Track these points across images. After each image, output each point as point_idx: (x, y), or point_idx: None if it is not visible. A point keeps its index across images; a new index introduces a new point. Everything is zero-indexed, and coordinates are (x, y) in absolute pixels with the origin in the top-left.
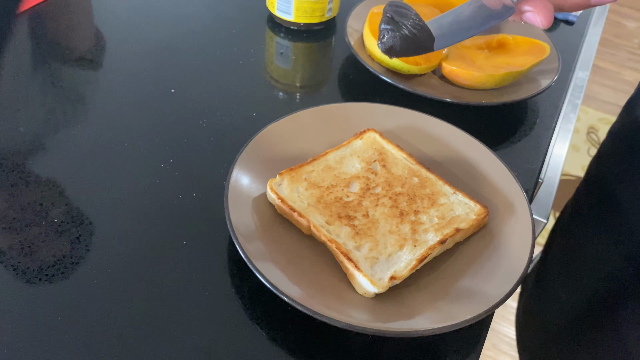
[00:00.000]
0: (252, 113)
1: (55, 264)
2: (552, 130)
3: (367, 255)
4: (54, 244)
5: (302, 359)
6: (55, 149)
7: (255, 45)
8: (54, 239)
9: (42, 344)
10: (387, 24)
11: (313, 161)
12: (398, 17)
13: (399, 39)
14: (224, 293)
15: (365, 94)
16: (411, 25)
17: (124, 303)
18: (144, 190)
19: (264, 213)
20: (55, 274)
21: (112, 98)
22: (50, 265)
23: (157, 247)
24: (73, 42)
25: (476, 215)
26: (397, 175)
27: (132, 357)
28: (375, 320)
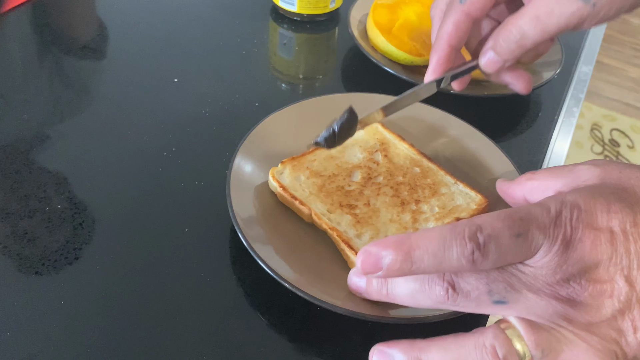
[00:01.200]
0: (255, 103)
1: (58, 250)
2: (555, 123)
3: (367, 243)
4: (56, 230)
5: (303, 345)
6: (58, 137)
7: (259, 36)
8: (56, 225)
9: (44, 329)
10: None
11: (315, 150)
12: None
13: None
14: (226, 280)
15: (368, 85)
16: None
17: (126, 289)
18: (146, 178)
19: (265, 201)
20: (58, 259)
21: (114, 87)
22: (54, 251)
23: (160, 234)
24: (76, 31)
25: (477, 205)
26: (399, 165)
27: (134, 343)
28: (376, 307)
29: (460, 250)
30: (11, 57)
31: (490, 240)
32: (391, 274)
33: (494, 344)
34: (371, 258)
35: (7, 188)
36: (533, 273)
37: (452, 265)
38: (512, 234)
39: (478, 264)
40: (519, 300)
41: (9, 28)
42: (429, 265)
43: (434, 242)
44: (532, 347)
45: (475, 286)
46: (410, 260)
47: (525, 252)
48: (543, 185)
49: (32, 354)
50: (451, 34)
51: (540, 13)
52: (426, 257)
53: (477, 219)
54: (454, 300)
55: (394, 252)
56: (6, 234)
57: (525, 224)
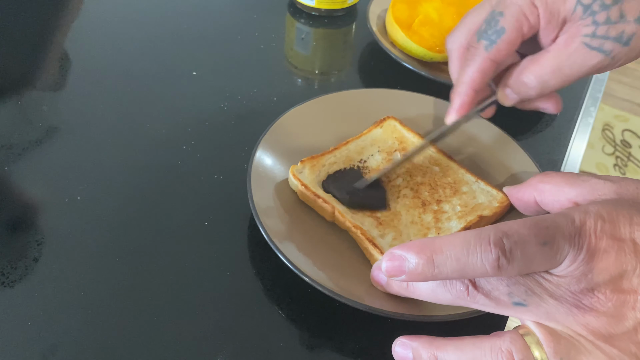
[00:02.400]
0: (273, 98)
1: (79, 241)
2: (575, 122)
3: (390, 243)
4: (77, 222)
5: (322, 340)
6: (78, 128)
7: (276, 31)
8: (76, 216)
9: (66, 320)
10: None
11: (335, 150)
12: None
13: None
14: (245, 274)
15: (386, 81)
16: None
17: (146, 282)
18: (166, 171)
19: (285, 197)
20: (78, 251)
21: (134, 79)
22: (74, 243)
23: (179, 226)
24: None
25: (499, 203)
26: (418, 164)
27: (153, 335)
28: (397, 304)
29: (484, 255)
30: (28, 43)
31: (517, 247)
32: (414, 278)
33: (510, 348)
34: (395, 261)
35: (38, 183)
36: (556, 281)
37: (476, 271)
38: (538, 242)
39: (502, 270)
40: (539, 304)
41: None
42: (452, 270)
43: (457, 247)
44: (551, 354)
45: (496, 286)
46: (433, 264)
47: (550, 260)
48: (556, 189)
49: (54, 344)
50: (475, 80)
51: (563, 65)
52: (449, 262)
53: (502, 226)
54: (473, 297)
55: (417, 256)
56: (26, 225)
57: (552, 233)
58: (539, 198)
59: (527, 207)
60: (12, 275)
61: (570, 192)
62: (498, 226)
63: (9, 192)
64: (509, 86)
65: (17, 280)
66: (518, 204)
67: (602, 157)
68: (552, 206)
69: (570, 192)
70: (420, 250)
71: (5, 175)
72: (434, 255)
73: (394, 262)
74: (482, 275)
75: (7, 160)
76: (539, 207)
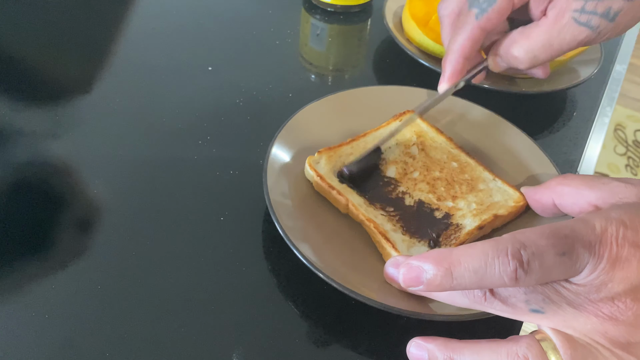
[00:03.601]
0: (289, 94)
1: (95, 235)
2: (592, 122)
3: (404, 238)
4: (92, 215)
5: (338, 337)
6: (94, 122)
7: (292, 26)
8: (92, 211)
9: (81, 313)
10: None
11: (352, 142)
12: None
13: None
14: (260, 270)
15: (401, 78)
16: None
17: (161, 276)
18: (182, 166)
19: (301, 191)
20: (94, 244)
21: (149, 74)
22: (90, 236)
23: (195, 221)
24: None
25: (515, 203)
26: (436, 159)
27: (169, 329)
28: (412, 302)
29: (502, 267)
30: (44, 38)
31: (535, 258)
32: (432, 288)
33: (527, 354)
34: (413, 272)
35: (43, 173)
36: (575, 289)
37: (494, 282)
38: (556, 252)
39: (520, 281)
40: (557, 312)
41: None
42: (470, 282)
43: (475, 258)
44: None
45: (514, 293)
46: (451, 276)
47: (569, 270)
48: (575, 192)
49: (69, 337)
50: (466, 47)
51: (553, 41)
52: (467, 274)
53: (519, 236)
54: (490, 303)
55: (435, 267)
56: (46, 217)
57: (570, 242)
58: (557, 201)
59: (545, 209)
60: (29, 268)
61: (590, 196)
62: (516, 236)
63: (24, 185)
64: (499, 55)
65: (34, 273)
66: (535, 205)
67: (614, 157)
68: (571, 209)
69: (590, 195)
70: (437, 262)
71: (22, 167)
72: (452, 267)
73: (411, 273)
74: (500, 286)
75: (24, 152)
76: (556, 209)
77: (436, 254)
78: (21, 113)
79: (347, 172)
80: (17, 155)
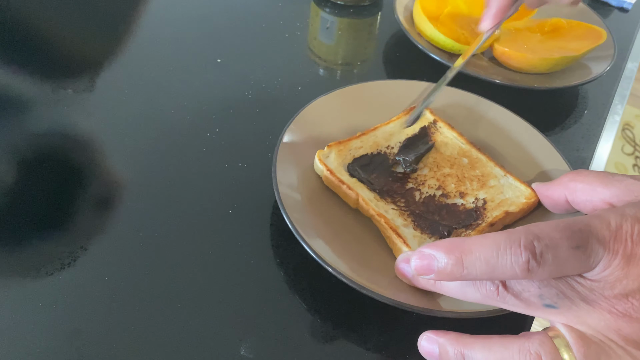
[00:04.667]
0: (298, 87)
1: (102, 227)
2: (604, 119)
3: (415, 233)
4: (100, 208)
5: (346, 332)
6: (103, 113)
7: (301, 19)
8: (99, 203)
9: (89, 304)
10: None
11: (362, 135)
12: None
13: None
14: (268, 263)
15: (411, 73)
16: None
17: (169, 268)
18: (190, 158)
19: (310, 185)
20: (101, 236)
21: (158, 65)
22: (98, 228)
23: (203, 214)
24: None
25: (526, 199)
26: (446, 155)
27: (176, 322)
28: (423, 298)
29: (514, 258)
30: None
31: (548, 250)
32: (442, 277)
33: (539, 351)
34: (424, 260)
35: (59, 165)
36: (590, 285)
37: (505, 273)
38: (570, 245)
39: (532, 273)
40: (570, 308)
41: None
42: (481, 272)
43: (487, 248)
44: (580, 359)
45: (527, 287)
46: (461, 265)
47: (583, 264)
48: (589, 189)
49: (77, 328)
50: None
51: None
52: (478, 264)
53: (533, 228)
54: (503, 297)
55: (447, 256)
56: (53, 209)
57: (585, 236)
58: (570, 197)
59: (557, 206)
60: (37, 260)
61: (604, 193)
62: (529, 228)
63: (29, 181)
64: None
65: (42, 265)
66: (547, 201)
67: (621, 156)
68: (584, 206)
69: (605, 192)
70: (449, 250)
71: (30, 164)
72: (463, 255)
73: (423, 260)
74: (512, 278)
75: (29, 149)
76: (569, 206)
77: (448, 242)
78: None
79: (404, 162)
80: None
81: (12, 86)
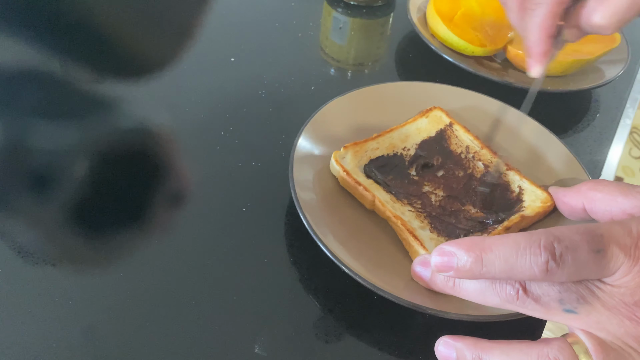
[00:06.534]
0: (311, 87)
1: (117, 223)
2: (617, 123)
3: (431, 236)
4: (114, 204)
5: (359, 333)
6: (115, 112)
7: (314, 19)
8: (112, 200)
9: (104, 300)
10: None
11: (378, 137)
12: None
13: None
14: (282, 262)
15: (424, 74)
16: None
17: (183, 266)
18: (204, 157)
19: (326, 185)
20: (117, 232)
21: (172, 64)
22: (113, 225)
23: (217, 212)
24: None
25: (542, 203)
26: (462, 159)
27: (190, 319)
28: (437, 301)
29: (534, 258)
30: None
31: (568, 252)
32: (461, 274)
33: (558, 357)
34: (445, 257)
35: (71, 166)
36: (610, 290)
37: (524, 273)
38: (591, 248)
39: (552, 274)
40: (590, 313)
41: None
42: (500, 270)
43: (507, 247)
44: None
45: (547, 292)
46: (480, 263)
47: (603, 269)
48: (609, 199)
49: (92, 324)
50: (547, 23)
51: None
52: (497, 262)
53: (554, 230)
54: (523, 302)
55: (467, 253)
56: (72, 208)
57: (606, 241)
58: (588, 206)
59: (573, 213)
60: (53, 254)
61: (624, 203)
62: (550, 230)
63: (38, 174)
64: (577, 27)
65: (58, 259)
66: (563, 207)
67: (629, 160)
68: (602, 215)
69: (625, 203)
70: (469, 248)
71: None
72: (483, 254)
73: (443, 257)
74: (530, 279)
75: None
76: (585, 214)
77: (469, 240)
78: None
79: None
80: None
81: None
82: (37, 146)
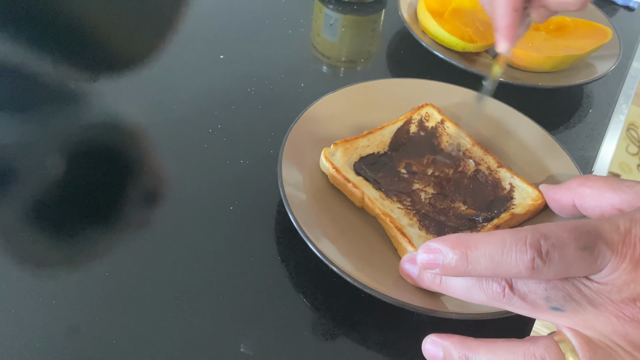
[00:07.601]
0: (300, 84)
1: (103, 222)
2: (609, 118)
3: (420, 233)
4: (98, 202)
5: (346, 331)
6: (103, 110)
7: (305, 16)
8: (98, 198)
9: (89, 300)
10: None
11: (369, 134)
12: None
13: None
14: (270, 260)
15: (415, 71)
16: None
17: (170, 264)
18: (192, 154)
19: (315, 183)
20: (103, 231)
21: (160, 61)
22: (98, 224)
23: (204, 210)
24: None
25: (532, 201)
26: (453, 155)
27: (176, 318)
28: (425, 299)
29: (520, 255)
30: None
31: (554, 249)
32: (447, 272)
33: (545, 355)
34: (430, 254)
35: (65, 164)
36: (597, 288)
37: (510, 271)
38: (578, 246)
39: (538, 272)
40: (577, 311)
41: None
42: (486, 268)
43: (493, 244)
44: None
45: (533, 289)
46: (466, 260)
47: (590, 266)
48: (598, 194)
49: (77, 324)
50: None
51: None
52: (483, 259)
53: (541, 227)
54: (509, 299)
55: (452, 250)
56: (57, 206)
57: (593, 238)
58: (578, 202)
59: (563, 209)
60: (37, 254)
61: (613, 198)
62: (537, 227)
63: (32, 174)
64: (545, 6)
65: (42, 259)
66: (554, 204)
67: (625, 156)
68: (592, 211)
69: (614, 198)
70: (455, 245)
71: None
72: (468, 251)
73: (429, 254)
74: (516, 276)
75: (40, 150)
76: (575, 210)
77: (455, 237)
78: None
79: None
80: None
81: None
82: (27, 144)
